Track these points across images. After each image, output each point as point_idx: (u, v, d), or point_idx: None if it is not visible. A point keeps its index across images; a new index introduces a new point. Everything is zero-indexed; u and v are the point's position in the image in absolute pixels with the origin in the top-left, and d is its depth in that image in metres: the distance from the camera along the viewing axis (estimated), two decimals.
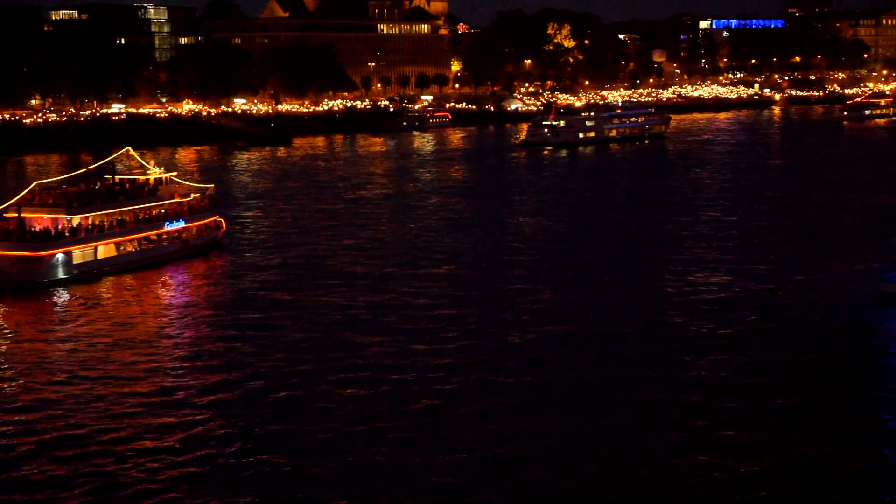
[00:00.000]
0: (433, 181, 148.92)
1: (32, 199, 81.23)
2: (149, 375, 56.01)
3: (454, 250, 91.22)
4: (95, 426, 48.61)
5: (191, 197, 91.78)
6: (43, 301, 73.66)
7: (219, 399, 52.25)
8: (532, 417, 49.65)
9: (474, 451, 45.71)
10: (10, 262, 76.52)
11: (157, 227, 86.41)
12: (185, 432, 47.92)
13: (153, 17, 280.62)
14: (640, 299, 73.00)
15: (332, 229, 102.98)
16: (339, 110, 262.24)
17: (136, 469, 44.05)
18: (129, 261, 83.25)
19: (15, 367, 58.08)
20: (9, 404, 51.94)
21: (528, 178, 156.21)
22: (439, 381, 54.56)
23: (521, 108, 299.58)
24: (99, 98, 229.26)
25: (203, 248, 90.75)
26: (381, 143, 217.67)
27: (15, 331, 66.06)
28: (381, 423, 48.71)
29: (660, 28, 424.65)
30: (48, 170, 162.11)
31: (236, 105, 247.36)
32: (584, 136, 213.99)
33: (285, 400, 52.12)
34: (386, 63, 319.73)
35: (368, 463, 44.62)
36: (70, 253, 78.78)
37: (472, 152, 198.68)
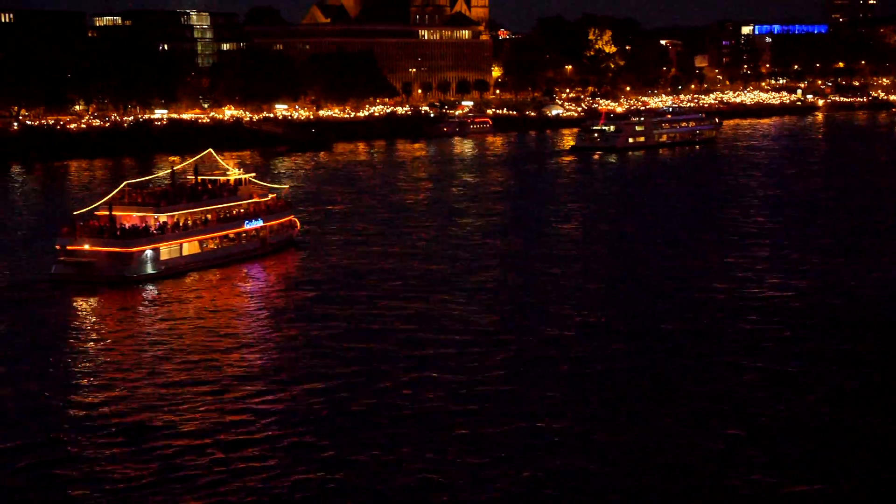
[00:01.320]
0: (479, 186, 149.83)
1: (122, 198, 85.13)
2: (228, 368, 58.36)
3: (504, 253, 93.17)
4: (175, 416, 50.64)
5: (268, 197, 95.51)
6: (133, 295, 77.21)
7: (291, 393, 53.88)
8: (585, 419, 49.98)
9: (534, 454, 46.06)
10: (102, 257, 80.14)
11: (237, 226, 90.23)
12: (256, 424, 49.55)
13: (196, 23, 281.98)
14: (691, 301, 73.60)
15: (388, 231, 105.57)
16: (379, 116, 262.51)
17: (207, 460, 45.44)
18: (211, 258, 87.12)
19: (104, 358, 60.94)
20: (94, 393, 54.35)
21: (578, 182, 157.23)
22: (499, 382, 55.44)
23: (562, 113, 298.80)
24: (142, 104, 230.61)
25: (279, 246, 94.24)
26: (421, 149, 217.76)
27: (106, 323, 69.53)
28: (439, 419, 49.95)
29: (702, 34, 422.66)
30: (95, 174, 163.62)
31: (278, 111, 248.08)
32: (633, 140, 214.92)
33: (353, 395, 53.45)
34: (427, 69, 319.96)
35: (428, 455, 45.85)
36: (158, 250, 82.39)
37: (516, 158, 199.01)
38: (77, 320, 70.85)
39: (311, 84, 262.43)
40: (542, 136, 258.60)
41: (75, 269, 79.91)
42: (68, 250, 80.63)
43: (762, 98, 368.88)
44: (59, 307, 73.42)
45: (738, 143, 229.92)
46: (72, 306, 73.75)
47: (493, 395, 53.65)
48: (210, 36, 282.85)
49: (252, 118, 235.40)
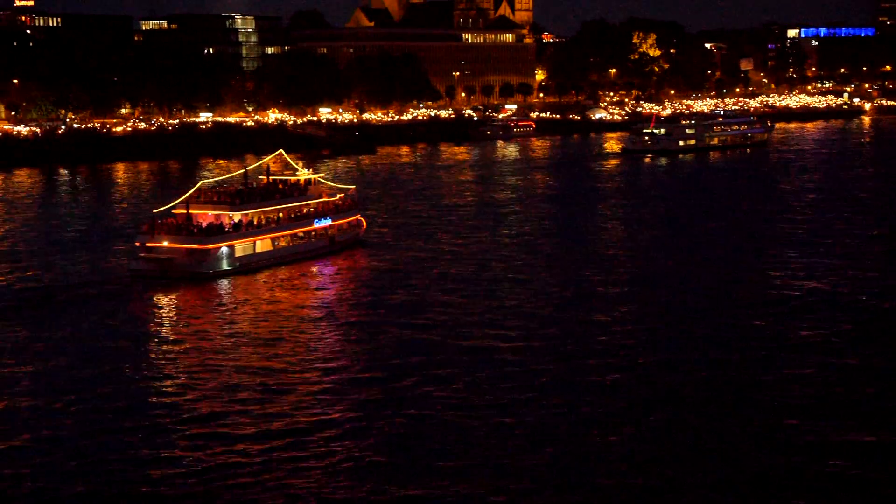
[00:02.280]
0: (527, 188, 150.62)
1: (199, 197, 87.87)
2: (297, 362, 59.66)
3: (555, 255, 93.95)
4: (245, 407, 52.04)
5: (336, 197, 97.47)
6: (209, 290, 79.68)
7: (353, 388, 54.92)
8: (635, 420, 49.99)
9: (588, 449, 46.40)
10: (180, 254, 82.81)
11: (307, 224, 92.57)
12: (320, 416, 50.68)
13: (241, 26, 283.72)
14: (739, 303, 73.43)
15: (443, 232, 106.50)
16: (422, 119, 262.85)
17: (271, 451, 46.46)
18: (282, 255, 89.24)
19: (181, 350, 63.02)
20: (170, 384, 56.19)
21: (628, 184, 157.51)
22: (557, 385, 55.68)
23: (606, 117, 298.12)
24: (187, 107, 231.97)
25: (347, 244, 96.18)
26: (465, 153, 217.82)
27: (184, 317, 71.97)
28: (499, 415, 50.13)
29: (747, 37, 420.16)
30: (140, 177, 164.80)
31: (321, 114, 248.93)
32: (684, 143, 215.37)
33: (410, 389, 54.58)
34: (470, 72, 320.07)
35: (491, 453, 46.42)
36: (233, 247, 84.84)
37: (562, 161, 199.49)
38: (156, 314, 73.22)
39: (355, 87, 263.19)
40: (585, 140, 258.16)
41: (154, 265, 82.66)
42: (148, 247, 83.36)
43: (808, 101, 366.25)
44: (139, 302, 75.88)
45: (789, 146, 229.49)
46: (151, 301, 76.11)
47: (540, 390, 54.11)
48: (255, 39, 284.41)
49: (296, 121, 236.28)
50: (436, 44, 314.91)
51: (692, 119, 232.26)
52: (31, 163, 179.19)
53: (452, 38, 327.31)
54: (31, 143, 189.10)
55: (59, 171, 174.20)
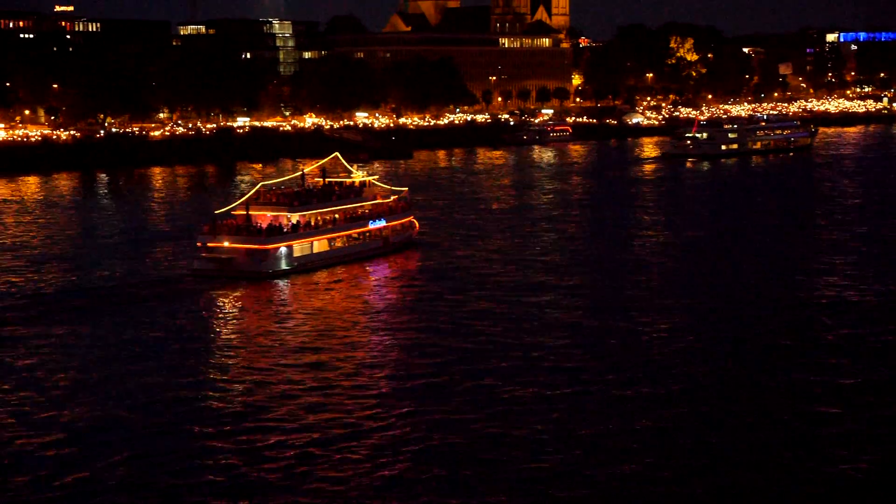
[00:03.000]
0: (567, 192, 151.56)
1: (258, 199, 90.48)
2: (351, 360, 61.31)
3: (598, 258, 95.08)
4: (300, 403, 53.32)
5: (390, 199, 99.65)
6: (268, 289, 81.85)
7: (404, 387, 56.15)
8: (674, 422, 49.95)
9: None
10: (241, 254, 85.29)
11: (362, 226, 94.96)
12: (367, 417, 51.59)
13: (278, 31, 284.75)
14: (785, 307, 73.81)
15: (488, 235, 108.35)
16: (459, 124, 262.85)
17: (323, 447, 47.62)
18: (338, 255, 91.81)
19: (241, 347, 65.00)
20: (227, 380, 57.84)
21: (670, 189, 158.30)
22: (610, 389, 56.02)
23: (643, 122, 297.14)
24: (224, 111, 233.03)
25: (400, 245, 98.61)
26: (501, 157, 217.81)
27: (244, 315, 74.39)
28: (536, 416, 50.86)
29: (785, 41, 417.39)
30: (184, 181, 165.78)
31: (358, 118, 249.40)
32: (726, 147, 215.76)
33: (456, 387, 55.75)
34: (507, 77, 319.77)
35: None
36: (291, 247, 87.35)
37: (602, 165, 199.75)
38: (217, 312, 75.06)
39: (392, 92, 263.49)
40: (622, 145, 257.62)
41: (215, 264, 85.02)
42: (209, 247, 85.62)
43: (847, 106, 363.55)
44: (201, 300, 77.96)
45: (832, 151, 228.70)
46: (212, 299, 78.15)
47: (585, 392, 54.76)
48: (292, 44, 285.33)
49: (332, 126, 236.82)
50: (472, 48, 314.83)
51: (735, 123, 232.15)
52: (69, 167, 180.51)
53: (489, 43, 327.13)
54: (69, 148, 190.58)
55: (97, 175, 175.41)
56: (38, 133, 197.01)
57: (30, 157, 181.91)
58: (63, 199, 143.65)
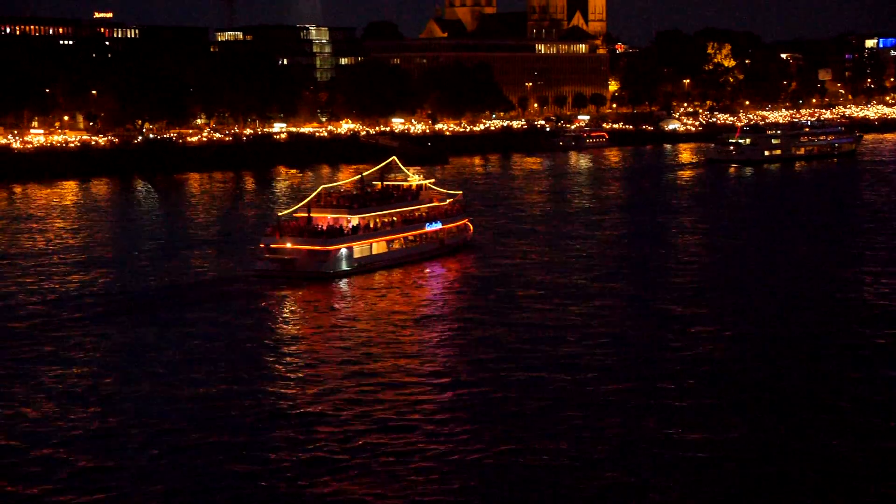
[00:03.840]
0: (612, 198, 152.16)
1: (319, 201, 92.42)
2: (412, 361, 62.34)
3: (643, 264, 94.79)
4: (355, 405, 53.87)
5: (446, 201, 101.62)
6: (329, 290, 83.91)
7: (457, 391, 56.36)
8: (718, 427, 49.57)
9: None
10: (303, 255, 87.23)
11: (419, 228, 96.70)
12: (423, 415, 52.32)
13: (315, 37, 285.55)
14: (829, 313, 73.57)
15: (538, 239, 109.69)
16: (495, 130, 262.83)
17: (375, 449, 47.99)
18: (396, 257, 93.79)
19: (302, 347, 66.45)
20: (288, 380, 58.83)
21: (713, 194, 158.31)
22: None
23: (679, 128, 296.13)
24: (261, 117, 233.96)
25: (455, 247, 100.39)
26: (537, 163, 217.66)
27: (306, 315, 76.28)
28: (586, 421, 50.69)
29: (823, 47, 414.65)
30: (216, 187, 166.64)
31: (394, 124, 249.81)
32: (769, 153, 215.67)
33: (509, 391, 55.95)
34: (543, 83, 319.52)
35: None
36: (352, 248, 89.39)
37: (641, 171, 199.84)
38: (280, 312, 76.78)
39: (428, 98, 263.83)
40: (659, 151, 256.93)
41: (279, 265, 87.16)
42: (272, 248, 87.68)
43: (886, 112, 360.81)
44: (264, 300, 79.67)
45: (875, 157, 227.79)
46: (275, 299, 79.94)
47: (622, 397, 54.80)
48: (328, 50, 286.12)
49: (368, 132, 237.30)
50: (509, 54, 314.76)
51: (778, 129, 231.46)
52: (107, 172, 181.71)
53: (525, 49, 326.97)
54: (107, 154, 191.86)
55: (135, 181, 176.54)
56: (77, 139, 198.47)
57: (68, 163, 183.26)
58: (108, 203, 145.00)
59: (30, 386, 57.26)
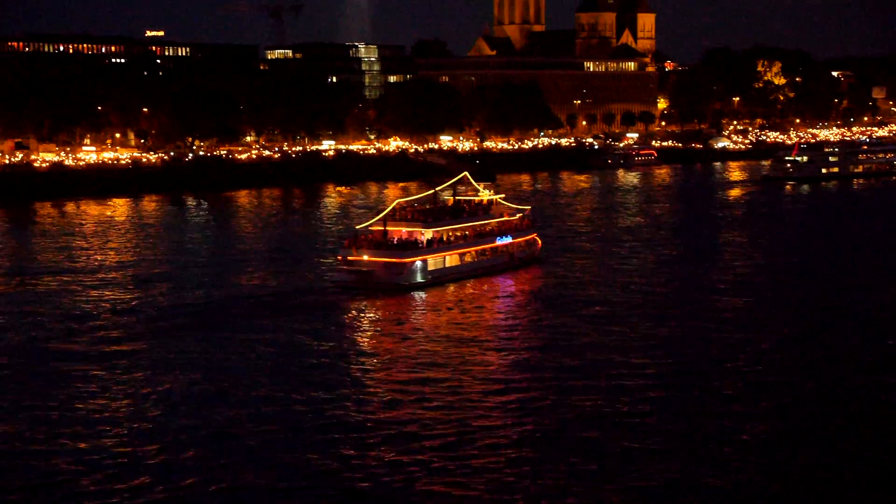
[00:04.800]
0: (665, 215, 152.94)
1: (394, 215, 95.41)
2: (488, 372, 64.02)
3: (702, 282, 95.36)
4: (432, 412, 55.67)
5: (516, 216, 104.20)
6: (405, 301, 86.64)
7: (526, 402, 57.59)
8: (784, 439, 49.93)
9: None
10: (379, 267, 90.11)
11: (490, 242, 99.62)
12: (490, 424, 53.60)
13: (364, 55, 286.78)
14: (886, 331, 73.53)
15: (597, 254, 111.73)
16: (543, 148, 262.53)
17: (445, 455, 49.50)
18: (468, 269, 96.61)
19: (379, 356, 69.12)
20: (364, 386, 61.12)
21: (769, 212, 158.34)
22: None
23: (729, 146, 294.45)
24: (310, 135, 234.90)
25: (525, 261, 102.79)
26: (586, 181, 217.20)
27: (382, 325, 79.00)
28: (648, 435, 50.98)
29: (875, 64, 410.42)
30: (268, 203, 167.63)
31: (442, 142, 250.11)
32: (827, 171, 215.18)
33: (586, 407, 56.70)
34: (592, 100, 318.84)
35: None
36: (426, 261, 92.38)
37: (692, 189, 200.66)
38: (357, 322, 79.65)
39: (476, 115, 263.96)
40: (708, 169, 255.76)
41: (355, 276, 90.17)
42: (349, 260, 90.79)
43: None
44: (343, 311, 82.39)
45: None
46: (352, 309, 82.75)
47: (684, 408, 56.07)
48: (377, 68, 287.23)
49: (417, 149, 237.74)
50: (557, 72, 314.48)
51: (836, 147, 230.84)
52: (157, 190, 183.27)
53: (574, 67, 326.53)
54: (158, 171, 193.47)
55: (185, 197, 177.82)
56: (128, 156, 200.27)
57: (119, 180, 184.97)
58: (167, 219, 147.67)
59: (123, 394, 59.35)
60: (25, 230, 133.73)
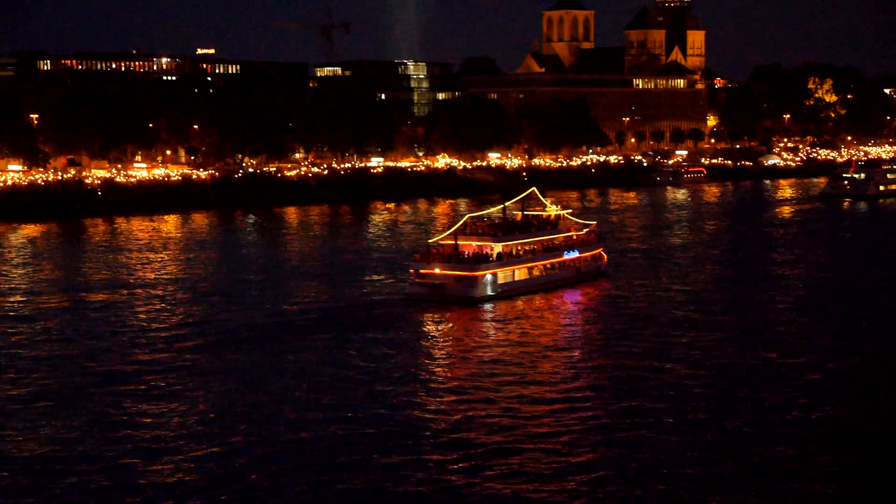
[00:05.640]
0: (722, 232, 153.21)
1: (465, 229, 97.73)
2: (557, 382, 66.10)
3: (763, 299, 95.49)
4: (496, 421, 57.55)
5: (582, 231, 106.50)
6: (476, 313, 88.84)
7: (591, 417, 58.88)
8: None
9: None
10: (451, 280, 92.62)
11: (557, 256, 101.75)
12: (552, 441, 54.59)
13: (412, 73, 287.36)
14: None
15: (657, 270, 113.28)
16: (591, 165, 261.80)
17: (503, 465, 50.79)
18: (536, 283, 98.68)
19: (450, 368, 70.98)
20: (435, 396, 63.39)
21: (827, 229, 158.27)
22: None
23: (779, 163, 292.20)
24: (359, 152, 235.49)
25: (590, 275, 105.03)
26: (635, 198, 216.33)
27: (455, 337, 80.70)
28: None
29: None
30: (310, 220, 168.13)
31: (491, 159, 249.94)
32: (885, 188, 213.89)
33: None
34: (640, 118, 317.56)
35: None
36: (496, 274, 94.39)
37: (746, 206, 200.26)
38: (429, 334, 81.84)
39: (524, 132, 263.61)
40: (758, 186, 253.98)
41: (427, 289, 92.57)
42: (421, 273, 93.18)
43: None
44: (414, 322, 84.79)
45: None
46: (424, 322, 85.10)
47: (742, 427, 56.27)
48: (426, 85, 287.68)
49: (465, 166, 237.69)
50: (606, 89, 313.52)
51: (894, 164, 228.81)
52: (206, 206, 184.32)
53: (623, 84, 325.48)
54: (208, 187, 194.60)
55: (235, 214, 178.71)
56: (178, 173, 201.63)
57: (169, 196, 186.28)
58: (227, 235, 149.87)
59: (188, 406, 60.75)
60: (78, 246, 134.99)
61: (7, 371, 68.68)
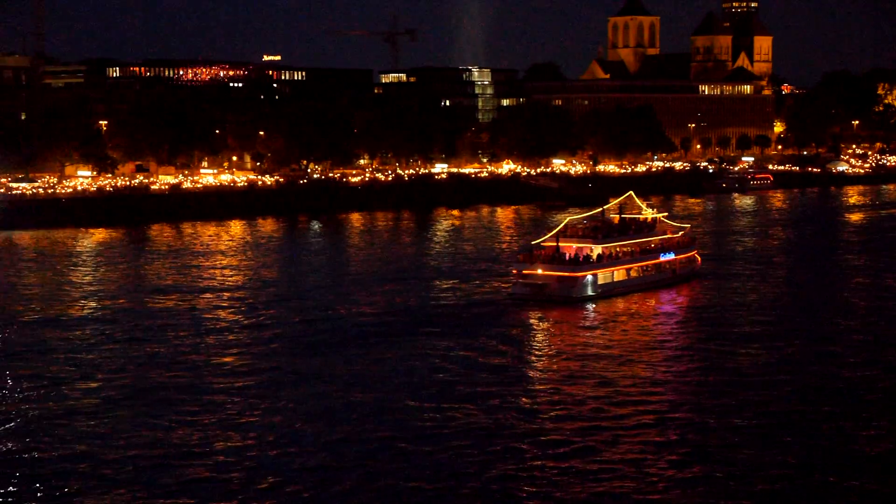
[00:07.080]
0: (803, 238, 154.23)
1: (566, 232, 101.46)
2: (649, 383, 67.29)
3: (846, 307, 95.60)
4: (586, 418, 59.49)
5: (678, 234, 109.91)
6: (577, 313, 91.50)
7: (690, 418, 59.96)
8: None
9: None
10: (553, 280, 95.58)
11: (654, 258, 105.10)
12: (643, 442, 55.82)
13: (477, 79, 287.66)
14: None
15: (748, 274, 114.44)
16: (657, 171, 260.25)
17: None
18: (633, 284, 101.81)
19: (554, 366, 72.95)
20: (540, 394, 65.33)
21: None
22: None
23: (848, 170, 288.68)
24: (423, 158, 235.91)
25: (686, 277, 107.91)
26: (700, 204, 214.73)
27: (558, 336, 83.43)
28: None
29: None
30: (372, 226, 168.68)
31: (555, 165, 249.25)
32: None
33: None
34: (706, 124, 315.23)
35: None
36: (596, 275, 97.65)
37: (814, 213, 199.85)
38: (533, 332, 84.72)
39: (589, 139, 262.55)
40: (825, 193, 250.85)
41: (531, 289, 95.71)
42: (524, 274, 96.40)
43: None
44: (519, 321, 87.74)
45: None
46: (528, 320, 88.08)
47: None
48: (491, 92, 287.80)
49: (529, 172, 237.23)
50: (671, 95, 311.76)
51: None
52: (272, 212, 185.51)
53: (689, 90, 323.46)
54: (273, 193, 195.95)
55: (300, 219, 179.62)
56: (245, 178, 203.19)
57: (236, 202, 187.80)
58: (299, 239, 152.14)
59: (283, 405, 62.42)
60: (146, 251, 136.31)
61: (96, 372, 70.77)
